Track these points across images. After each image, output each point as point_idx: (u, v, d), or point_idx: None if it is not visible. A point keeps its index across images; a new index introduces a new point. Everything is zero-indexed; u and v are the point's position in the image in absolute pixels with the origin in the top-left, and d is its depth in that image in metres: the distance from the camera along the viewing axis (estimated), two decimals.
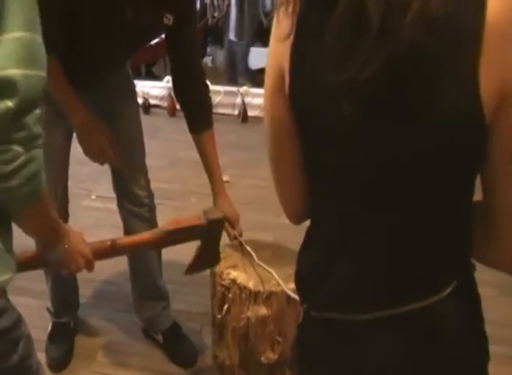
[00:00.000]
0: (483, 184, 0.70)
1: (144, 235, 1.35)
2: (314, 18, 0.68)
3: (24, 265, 1.12)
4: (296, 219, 0.89)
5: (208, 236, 1.42)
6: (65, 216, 1.83)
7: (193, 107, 1.69)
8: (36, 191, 0.87)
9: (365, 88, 0.63)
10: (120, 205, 1.93)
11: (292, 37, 0.70)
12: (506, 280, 2.27)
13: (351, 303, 0.78)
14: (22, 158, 0.81)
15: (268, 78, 0.76)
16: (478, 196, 0.72)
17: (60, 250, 1.11)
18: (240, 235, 1.63)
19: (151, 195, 1.93)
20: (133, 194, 1.88)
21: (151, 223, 1.94)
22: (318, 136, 0.73)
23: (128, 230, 1.91)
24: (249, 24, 5.42)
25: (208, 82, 1.75)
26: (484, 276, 0.81)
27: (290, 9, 0.69)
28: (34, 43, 0.81)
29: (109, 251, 1.29)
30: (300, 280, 0.87)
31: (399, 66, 0.62)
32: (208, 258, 1.44)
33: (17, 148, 0.80)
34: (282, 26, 0.71)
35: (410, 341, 0.75)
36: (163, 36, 1.68)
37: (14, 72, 0.77)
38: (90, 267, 1.23)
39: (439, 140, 0.65)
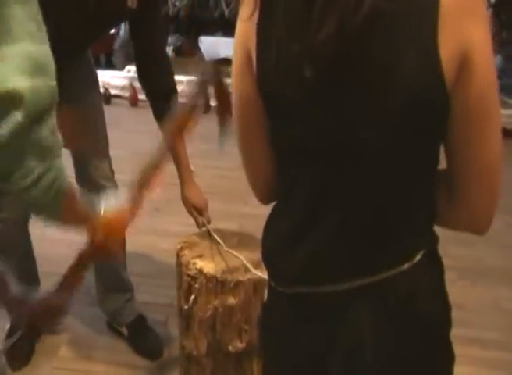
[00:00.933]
0: (446, 151, 0.73)
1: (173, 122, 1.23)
2: None
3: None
4: (264, 198, 0.89)
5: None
6: (27, 218, 1.78)
7: (160, 94, 1.66)
8: (57, 196, 0.87)
9: (322, 53, 0.65)
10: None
11: (257, 18, 0.72)
12: (464, 264, 2.37)
13: (321, 274, 0.79)
14: (38, 171, 0.81)
15: (236, 57, 0.78)
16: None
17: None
18: (209, 222, 1.63)
19: (115, 186, 1.88)
20: (98, 185, 1.83)
21: None
22: (285, 110, 0.74)
23: None
24: None
25: None
26: (443, 260, 0.82)
27: None
28: (40, 53, 0.79)
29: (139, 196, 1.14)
30: (267, 256, 0.87)
31: (355, 30, 0.64)
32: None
33: (31, 163, 0.80)
34: (246, 6, 0.73)
35: (384, 309, 0.76)
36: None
37: (20, 84, 0.75)
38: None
39: (399, 105, 0.66)
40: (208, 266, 1.39)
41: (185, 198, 1.70)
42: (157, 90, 1.66)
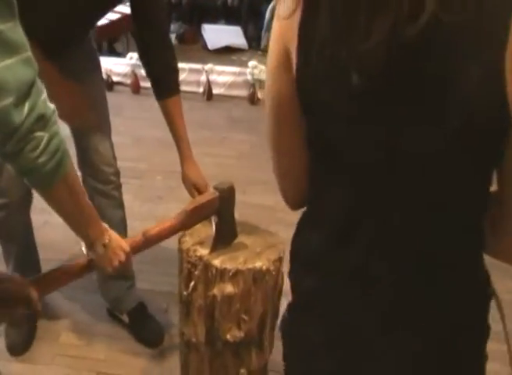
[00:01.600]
0: (499, 174, 0.68)
1: (170, 221, 1.35)
2: None
3: (75, 275, 1.18)
4: (295, 204, 0.86)
5: (223, 207, 1.40)
6: (29, 199, 1.78)
7: (161, 71, 1.66)
8: (61, 162, 0.93)
9: (371, 61, 0.60)
10: (85, 183, 1.87)
11: (299, 15, 0.68)
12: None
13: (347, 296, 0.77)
14: (45, 140, 0.89)
15: (272, 55, 0.74)
16: None
17: (103, 245, 1.16)
18: None
19: (117, 172, 1.88)
20: (99, 170, 1.83)
21: (117, 201, 1.90)
22: (326, 112, 0.70)
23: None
24: None
25: None
26: None
27: None
28: (9, 29, 0.79)
29: (142, 243, 1.30)
30: (293, 268, 0.85)
31: (409, 41, 0.59)
32: (227, 231, 1.43)
33: (38, 134, 0.87)
34: (286, 2, 0.68)
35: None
36: (124, 11, 1.63)
37: None
38: (128, 261, 1.25)
39: (454, 123, 0.61)
40: (207, 253, 1.39)
41: (185, 176, 1.71)
42: (158, 67, 1.65)
